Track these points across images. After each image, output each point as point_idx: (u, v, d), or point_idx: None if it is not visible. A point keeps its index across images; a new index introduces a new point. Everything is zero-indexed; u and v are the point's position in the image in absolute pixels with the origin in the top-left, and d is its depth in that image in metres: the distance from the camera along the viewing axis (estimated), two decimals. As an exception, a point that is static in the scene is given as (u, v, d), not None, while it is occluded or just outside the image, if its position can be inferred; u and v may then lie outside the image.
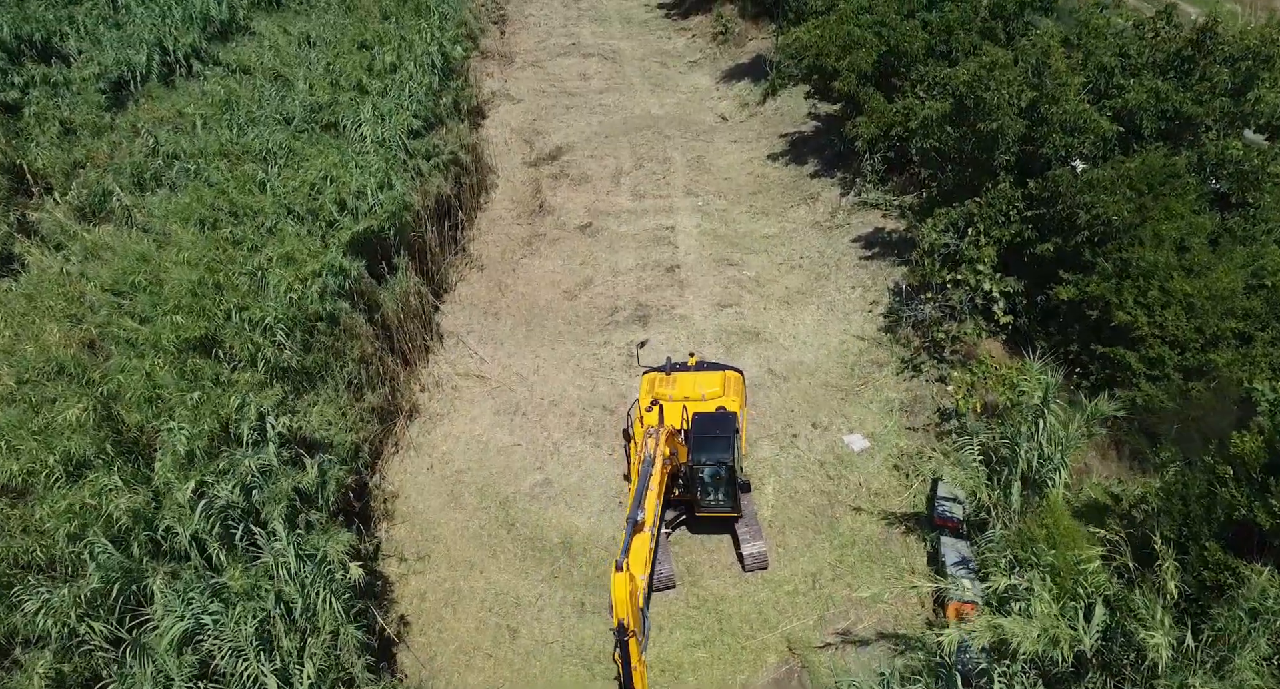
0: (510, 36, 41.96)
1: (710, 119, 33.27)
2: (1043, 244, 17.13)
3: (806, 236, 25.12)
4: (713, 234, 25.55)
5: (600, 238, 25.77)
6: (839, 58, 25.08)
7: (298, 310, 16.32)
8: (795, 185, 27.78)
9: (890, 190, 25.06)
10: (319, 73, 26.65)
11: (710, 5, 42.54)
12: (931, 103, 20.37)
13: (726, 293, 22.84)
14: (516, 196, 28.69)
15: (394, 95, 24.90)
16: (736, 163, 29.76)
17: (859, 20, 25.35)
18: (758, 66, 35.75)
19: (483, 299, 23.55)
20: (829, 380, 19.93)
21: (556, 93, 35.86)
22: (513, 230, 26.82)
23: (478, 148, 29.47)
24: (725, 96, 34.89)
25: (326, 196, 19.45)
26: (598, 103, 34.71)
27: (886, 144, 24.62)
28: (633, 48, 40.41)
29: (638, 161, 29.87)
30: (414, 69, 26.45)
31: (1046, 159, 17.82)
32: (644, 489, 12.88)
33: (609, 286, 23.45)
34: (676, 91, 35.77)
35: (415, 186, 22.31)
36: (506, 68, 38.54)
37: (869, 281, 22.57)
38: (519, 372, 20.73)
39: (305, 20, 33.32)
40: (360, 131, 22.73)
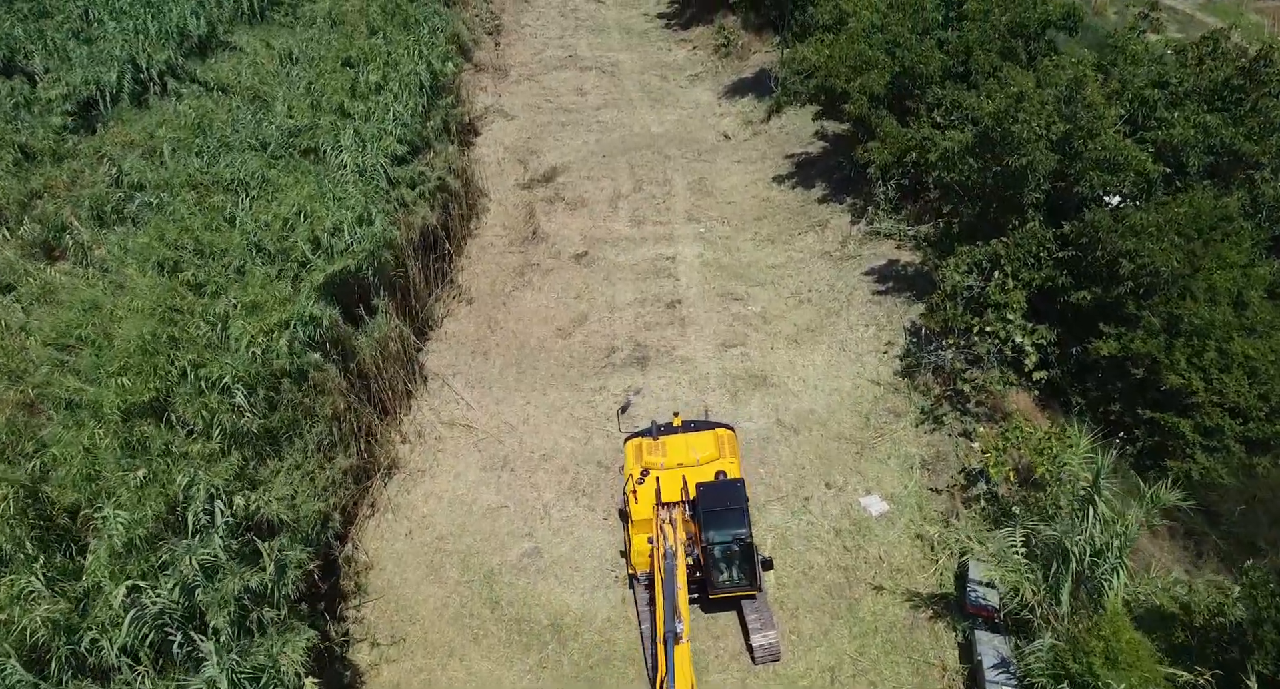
0: (505, 48, 40.35)
1: (712, 137, 31.66)
2: (1078, 292, 15.51)
3: (815, 267, 23.50)
4: (716, 264, 23.92)
5: (597, 268, 24.15)
6: (849, 79, 23.45)
7: (261, 367, 14.68)
8: (803, 210, 26.17)
9: (904, 219, 23.45)
10: (299, 93, 25.02)
11: (711, 16, 40.96)
12: (953, 132, 18.74)
13: (731, 331, 21.21)
14: (509, 222, 27.07)
15: (378, 118, 23.25)
16: (740, 185, 28.15)
17: (870, 39, 23.72)
18: (761, 81, 34.14)
19: (471, 337, 21.91)
20: (842, 431, 18.31)
21: (552, 109, 34.24)
22: (504, 259, 25.19)
23: (468, 171, 27.84)
24: (728, 113, 33.27)
25: (300, 234, 17.81)
26: (595, 120, 33.09)
27: (900, 171, 23.02)
28: (632, 60, 38.80)
29: (637, 184, 28.25)
30: (399, 90, 24.79)
31: (1081, 198, 16.21)
32: (673, 593, 11.34)
33: (605, 324, 21.82)
34: (677, 107, 34.15)
35: (398, 219, 20.67)
36: (501, 81, 36.93)
37: (883, 319, 20.94)
38: (508, 420, 19.09)
39: (290, 34, 31.67)
40: (340, 158, 21.09)
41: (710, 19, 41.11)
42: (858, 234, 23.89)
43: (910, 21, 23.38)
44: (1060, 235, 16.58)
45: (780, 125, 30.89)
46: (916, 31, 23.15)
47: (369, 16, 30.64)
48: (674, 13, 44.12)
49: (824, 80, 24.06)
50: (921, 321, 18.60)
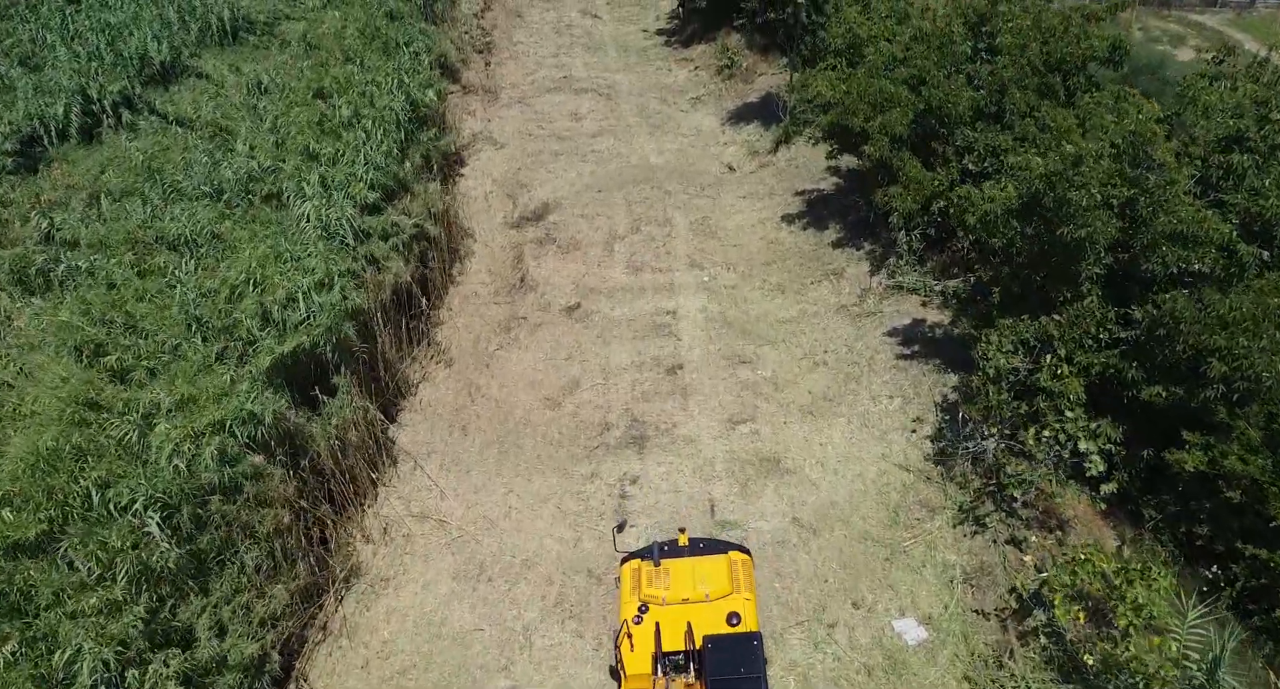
0: (496, 68, 37.87)
1: (716, 169, 29.20)
2: (1151, 389, 13.05)
3: (831, 323, 21.03)
4: (721, 319, 21.45)
5: (590, 324, 21.67)
6: (869, 118, 20.97)
7: (186, 482, 12.23)
8: (815, 256, 23.70)
9: (930, 271, 20.99)
10: (264, 129, 22.54)
11: (714, 34, 38.50)
12: (992, 187, 16.26)
13: (739, 402, 18.74)
14: (495, 267, 24.59)
15: (348, 160, 20.74)
16: (747, 225, 25.68)
17: (892, 75, 21.24)
18: (768, 107, 31.66)
19: (449, 406, 19.43)
20: (868, 529, 15.84)
21: (545, 136, 31.78)
22: (489, 311, 22.72)
23: (451, 210, 25.38)
24: (732, 142, 30.81)
25: (247, 306, 15.33)
26: (590, 149, 30.62)
27: (925, 219, 20.57)
28: (630, 82, 36.34)
29: (634, 223, 25.79)
30: (373, 126, 22.29)
31: (1151, 274, 13.75)
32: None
33: (599, 392, 19.34)
34: (678, 134, 31.69)
35: (366, 280, 18.18)
36: (490, 105, 34.46)
37: (909, 390, 18.47)
38: (487, 512, 16.61)
39: (263, 58, 29.23)
40: (303, 210, 18.62)
41: (712, 36, 38.66)
42: (878, 287, 21.41)
43: (936, 55, 20.90)
44: (1123, 315, 14.13)
45: (789, 157, 28.43)
46: (943, 66, 20.66)
47: (345, 40, 28.16)
48: (674, 29, 41.70)
49: (840, 118, 21.58)
50: (962, 409, 16.12)
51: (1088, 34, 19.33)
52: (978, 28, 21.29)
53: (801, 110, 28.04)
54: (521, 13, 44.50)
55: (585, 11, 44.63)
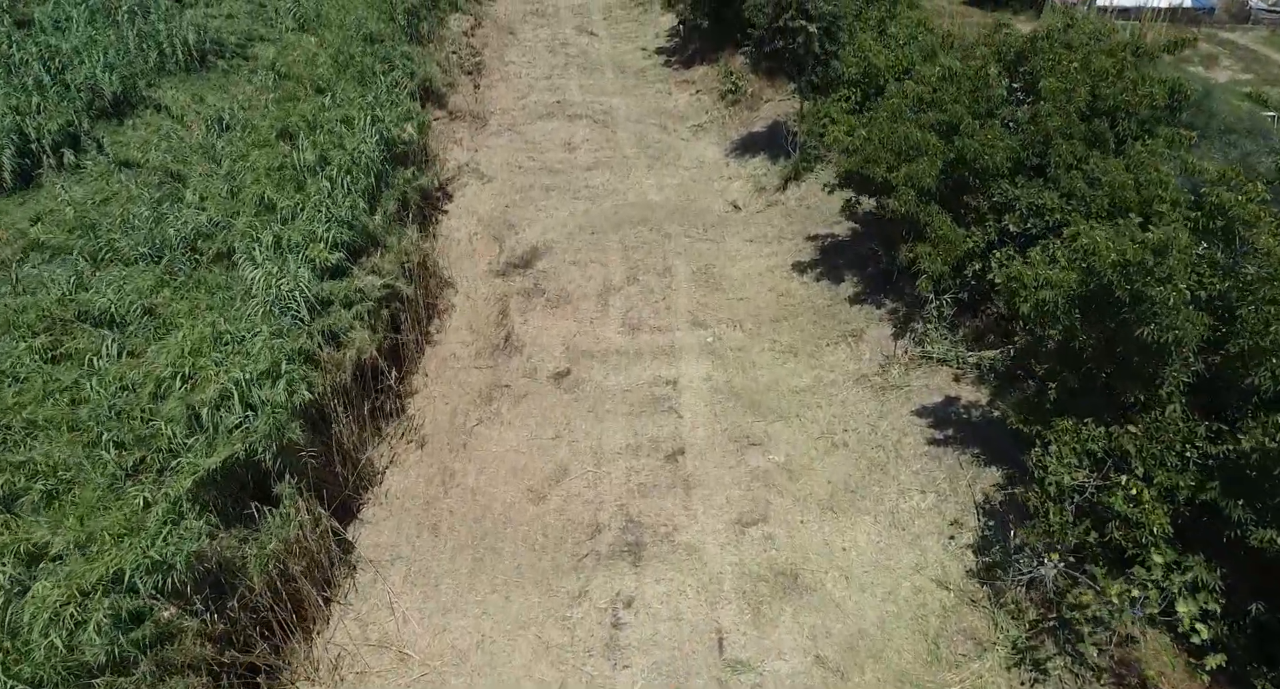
0: (486, 91, 35.34)
1: (719, 207, 26.69)
2: (1262, 532, 10.54)
3: (851, 396, 18.52)
4: (727, 389, 18.93)
5: (580, 394, 19.16)
6: (892, 167, 18.46)
7: (64, 662, 9.70)
8: (831, 312, 21.18)
9: (963, 338, 18.49)
10: (221, 174, 20.06)
11: (716, 54, 35.98)
12: (1044, 264, 13.71)
13: (749, 498, 16.23)
14: (477, 323, 22.06)
15: (309, 215, 18.22)
16: (754, 273, 23.16)
17: (919, 118, 18.73)
18: (775, 137, 29.17)
19: (419, 498, 16.92)
20: (904, 667, 13.33)
21: (536, 168, 29.26)
22: (469, 378, 20.19)
23: (429, 260, 22.89)
24: (737, 176, 28.30)
25: (171, 409, 12.82)
26: (584, 183, 28.11)
27: (958, 282, 18.07)
28: (628, 107, 33.81)
29: (631, 271, 23.27)
30: (338, 175, 19.75)
31: (1255, 388, 11.24)
32: None
33: (589, 483, 16.83)
34: (678, 167, 29.18)
35: (324, 359, 15.68)
36: (479, 133, 31.94)
37: (944, 483, 15.96)
38: (456, 642, 14.09)
39: (231, 86, 26.74)
40: (253, 276, 16.10)
41: (715, 57, 36.14)
42: (903, 355, 18.88)
43: (968, 97, 18.37)
44: (1216, 430, 11.62)
45: (799, 196, 25.92)
46: (977, 110, 18.13)
47: (317, 69, 25.62)
48: (674, 48, 39.18)
49: (860, 167, 19.07)
50: (1015, 530, 13.60)
51: (1145, 79, 16.83)
52: (1014, 66, 18.79)
53: (812, 145, 25.60)
54: (514, 29, 42.00)
55: (581, 28, 42.12)
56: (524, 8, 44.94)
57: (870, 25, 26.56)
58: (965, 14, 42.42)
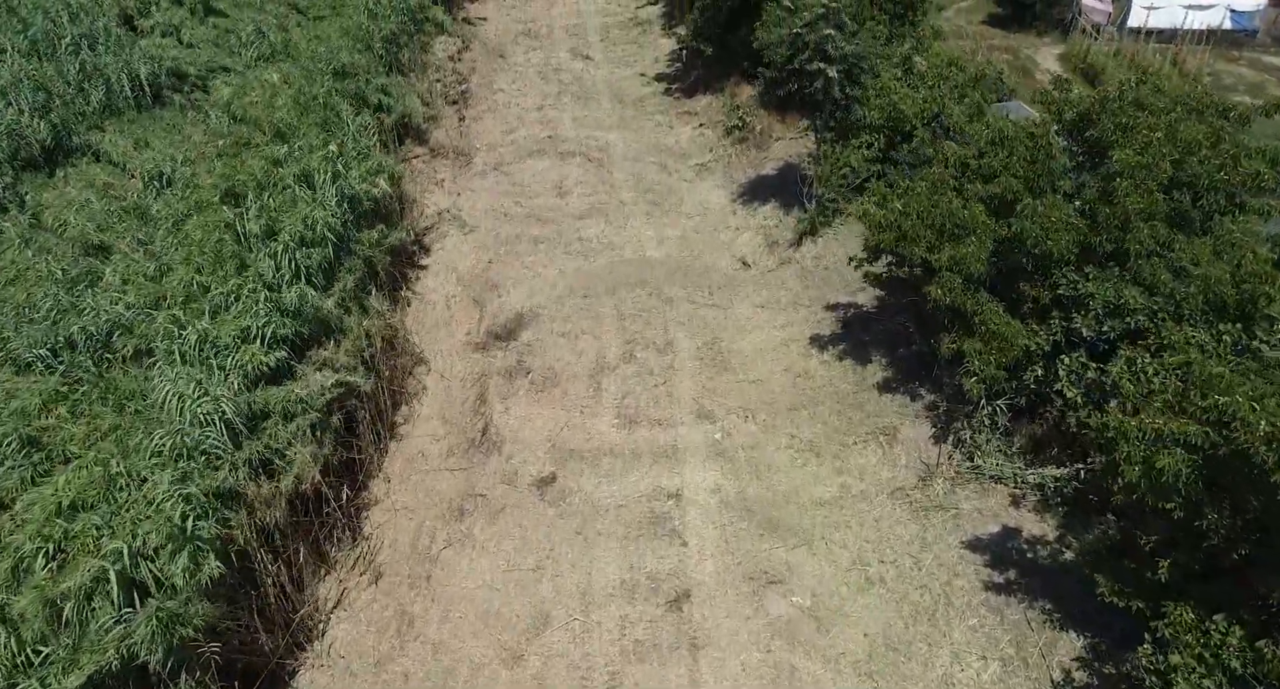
0: (472, 124, 32.30)
1: (726, 264, 23.67)
2: None
3: (885, 513, 15.52)
4: (739, 504, 15.92)
5: (567, 508, 16.15)
6: (933, 247, 15.46)
7: None
8: (857, 401, 18.18)
9: (1020, 450, 15.48)
10: (151, 249, 17.07)
11: (721, 83, 32.98)
12: (1151, 415, 10.68)
13: (769, 663, 13.20)
14: (451, 412, 19.04)
15: (248, 303, 15.19)
16: (767, 348, 20.16)
17: (964, 187, 15.72)
18: (787, 182, 26.19)
19: (369, 655, 13.87)
20: None
21: (523, 216, 26.24)
22: (438, 483, 17.17)
23: (399, 334, 19.90)
24: (745, 226, 25.29)
25: (22, 605, 9.80)
26: (576, 235, 25.09)
27: (1016, 387, 15.06)
28: (625, 142, 30.79)
29: (628, 345, 20.28)
30: (282, 254, 16.68)
31: None
32: None
33: (575, 637, 13.79)
34: (680, 215, 26.16)
35: (253, 496, 12.67)
36: (462, 173, 28.93)
37: (1009, 648, 12.94)
38: None
39: (184, 126, 23.75)
40: (164, 395, 13.08)
41: (719, 86, 33.13)
42: (947, 466, 15.90)
43: (1021, 166, 15.33)
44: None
45: (815, 254, 22.91)
46: (1038, 180, 15.11)
47: (276, 112, 22.60)
48: (676, 74, 36.16)
49: (895, 244, 16.05)
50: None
51: (1248, 153, 13.84)
52: (1078, 129, 15.78)
53: (830, 197, 22.62)
54: (505, 52, 38.98)
55: (576, 52, 39.11)
56: (516, 28, 41.95)
57: (894, 62, 23.57)
58: (986, 35, 39.47)
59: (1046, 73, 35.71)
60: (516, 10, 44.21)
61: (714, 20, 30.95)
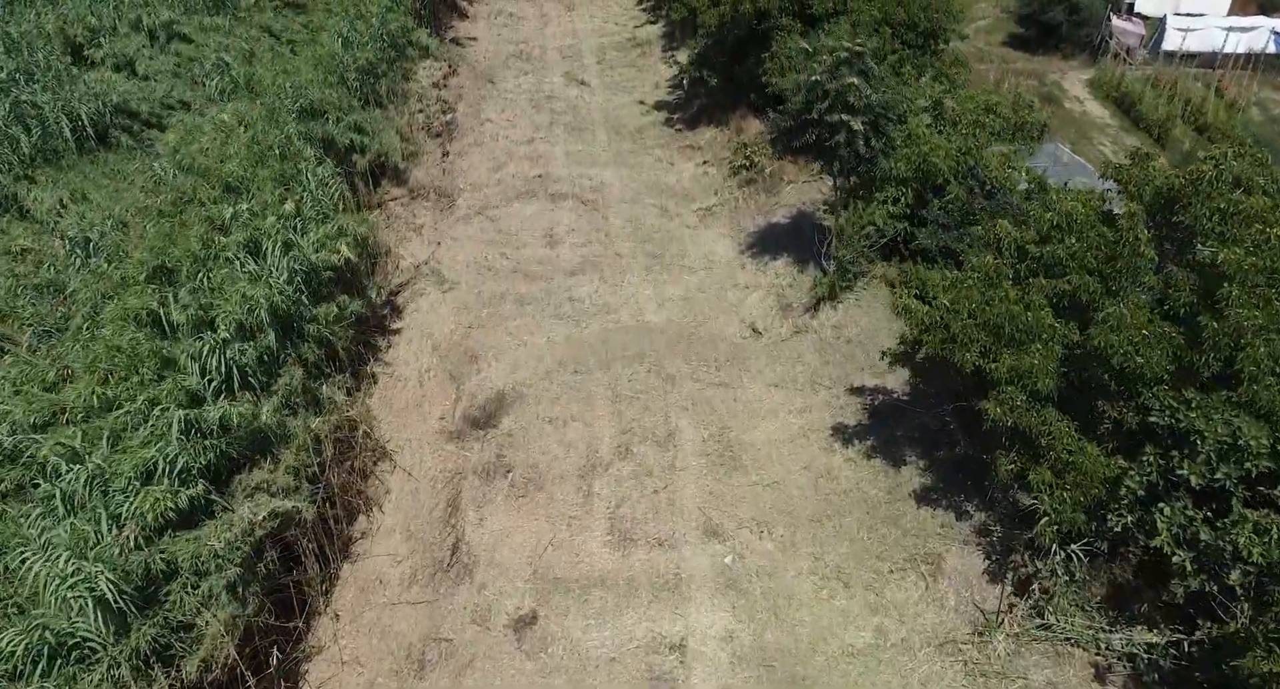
0: (456, 160, 29.43)
1: (735, 331, 20.83)
2: None
3: (933, 673, 12.65)
4: (757, 658, 13.06)
5: (549, 662, 13.29)
6: (989, 353, 12.62)
7: None
8: (890, 513, 15.34)
9: (1102, 603, 12.61)
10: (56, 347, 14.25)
11: (726, 115, 30.17)
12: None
13: None
14: (417, 523, 16.20)
15: (159, 425, 12.38)
16: (783, 440, 17.31)
17: (1027, 278, 12.87)
18: (800, 230, 23.40)
19: None
20: None
21: (509, 271, 23.38)
22: (396, 621, 14.32)
23: (359, 424, 17.07)
24: (755, 284, 22.44)
25: None
26: (567, 295, 22.23)
27: (1097, 530, 12.21)
28: (622, 181, 27.95)
29: (623, 435, 17.45)
30: (214, 350, 13.85)
31: None
32: None
33: None
34: (683, 270, 23.30)
35: None
36: (444, 217, 26.10)
37: None
38: None
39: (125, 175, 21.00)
40: (28, 569, 10.24)
41: (724, 117, 30.31)
42: (1008, 616, 13.06)
43: (1096, 258, 12.46)
44: None
45: (835, 323, 20.07)
46: (1115, 282, 12.25)
47: (227, 163, 19.78)
48: (677, 102, 33.32)
49: (941, 348, 13.19)
50: None
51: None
52: (1162, 212, 12.91)
53: (852, 259, 19.80)
54: (495, 77, 36.12)
55: (571, 76, 36.27)
56: (507, 49, 39.11)
57: (923, 105, 20.75)
58: (1008, 58, 36.63)
59: (1076, 101, 32.89)
60: (508, 30, 41.38)
61: (718, 48, 28.12)
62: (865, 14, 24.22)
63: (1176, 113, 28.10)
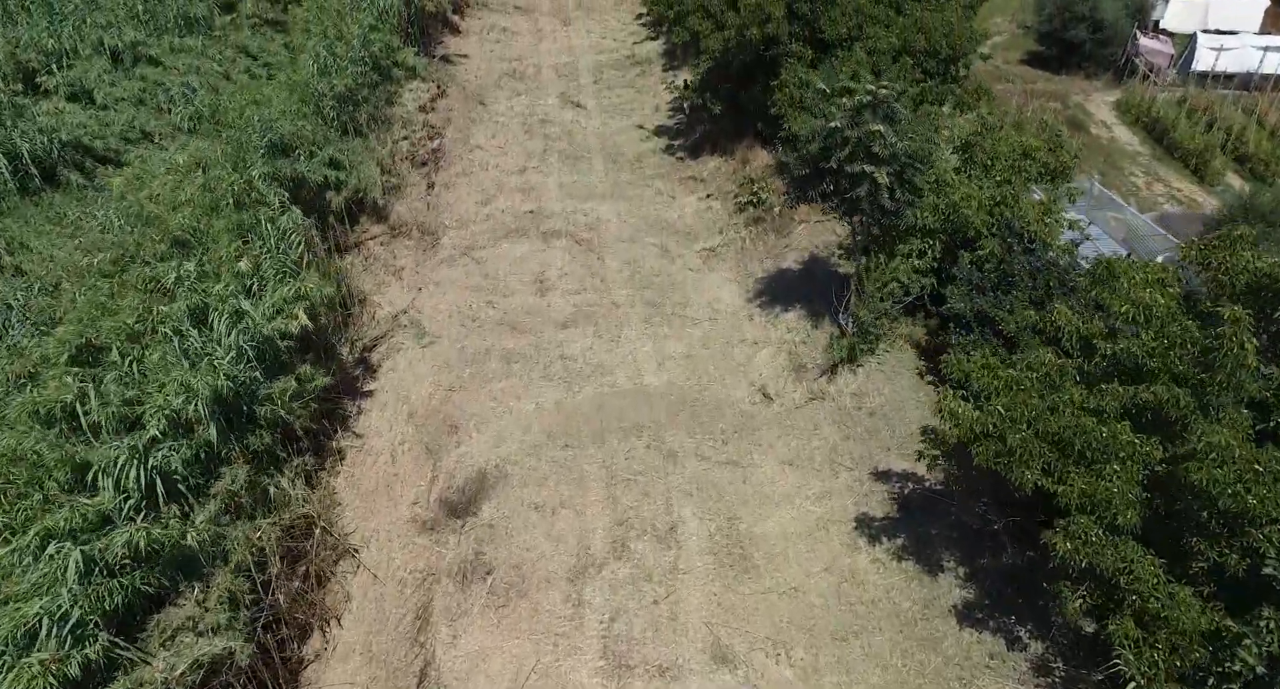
0: (441, 192, 27.19)
1: (743, 395, 18.62)
2: None
3: None
4: None
5: None
6: (1053, 471, 10.40)
7: None
8: (928, 632, 13.12)
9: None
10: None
11: (732, 144, 27.99)
12: None
13: None
14: (381, 639, 13.97)
15: (53, 570, 10.16)
16: (800, 533, 15.10)
17: (1097, 381, 10.67)
18: (813, 276, 21.22)
19: None
20: None
21: (495, 322, 21.16)
22: (352, 771, 12.20)
23: (317, 518, 14.88)
24: (765, 338, 20.23)
25: None
26: (558, 351, 20.02)
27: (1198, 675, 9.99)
28: (620, 217, 25.75)
29: (619, 528, 15.24)
30: (138, 457, 11.64)
31: None
32: None
33: None
34: (686, 320, 21.09)
35: None
36: (426, 259, 23.88)
37: None
38: None
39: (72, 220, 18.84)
40: None
41: (729, 146, 28.12)
42: (1075, 785, 10.88)
43: (1180, 357, 10.24)
44: None
45: (855, 390, 17.85)
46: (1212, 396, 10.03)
47: (179, 212, 17.59)
48: (679, 127, 31.13)
49: (995, 462, 10.98)
50: None
51: None
52: (1260, 303, 10.68)
53: (875, 321, 17.62)
54: (486, 98, 33.88)
55: (566, 97, 34.05)
56: (500, 67, 36.88)
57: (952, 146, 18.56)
58: (1028, 78, 34.43)
59: (1103, 126, 30.67)
60: (501, 46, 39.16)
61: (722, 74, 25.92)
62: (883, 41, 22.01)
63: (1216, 143, 25.85)
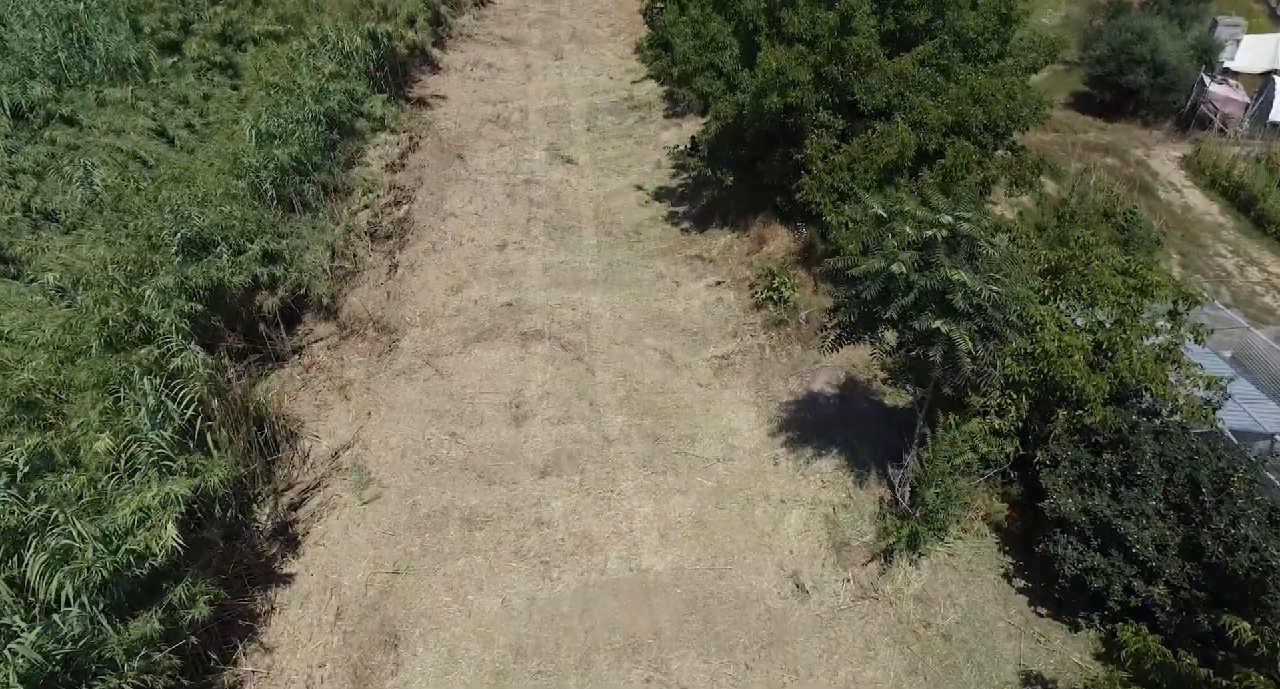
0: (407, 274, 22.78)
1: (770, 586, 14.21)
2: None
3: None
4: None
5: None
6: None
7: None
8: None
9: None
10: None
11: (746, 219, 23.65)
12: None
13: None
14: None
15: None
16: None
17: None
18: (852, 407, 16.91)
19: None
20: None
21: (458, 466, 16.79)
22: None
23: None
24: (794, 494, 15.83)
25: None
26: (534, 516, 15.62)
27: None
28: (614, 310, 21.37)
29: None
30: None
31: None
32: None
33: None
34: (695, 463, 16.71)
35: None
36: (381, 368, 19.49)
37: None
38: None
39: None
40: None
41: (742, 221, 23.80)
42: None
43: None
44: None
45: (917, 589, 13.45)
46: None
47: (34, 354, 13.24)
48: (683, 190, 26.79)
49: None
50: None
51: None
52: None
53: (941, 500, 13.27)
54: (465, 151, 29.49)
55: (555, 150, 29.68)
56: (483, 111, 32.51)
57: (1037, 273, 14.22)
58: (1078, 127, 30.04)
59: (1173, 189, 26.25)
60: (485, 85, 34.80)
61: (735, 139, 21.57)
62: (931, 114, 17.67)
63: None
